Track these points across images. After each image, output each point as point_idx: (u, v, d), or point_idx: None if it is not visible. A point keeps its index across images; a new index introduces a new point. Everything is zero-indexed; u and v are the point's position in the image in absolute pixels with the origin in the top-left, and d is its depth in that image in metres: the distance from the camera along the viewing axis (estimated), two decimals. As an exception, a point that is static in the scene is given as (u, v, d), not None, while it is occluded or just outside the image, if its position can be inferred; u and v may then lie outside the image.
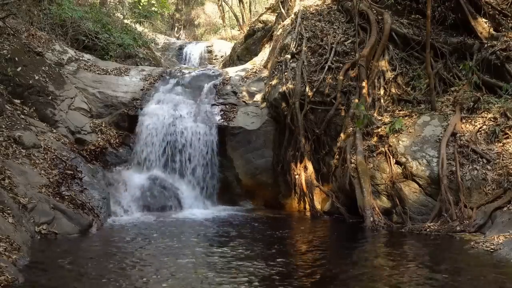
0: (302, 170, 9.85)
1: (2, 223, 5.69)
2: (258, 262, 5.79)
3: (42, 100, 9.79)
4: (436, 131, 8.47)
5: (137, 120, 10.68)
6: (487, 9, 10.04)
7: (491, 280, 5.04)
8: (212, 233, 7.76)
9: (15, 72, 9.59)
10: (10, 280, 4.52)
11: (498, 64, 9.21)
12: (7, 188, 6.57)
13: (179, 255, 6.22)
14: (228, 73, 12.36)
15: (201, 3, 32.63)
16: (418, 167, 8.01)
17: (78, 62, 11.71)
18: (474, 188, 7.54)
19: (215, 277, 5.17)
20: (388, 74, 10.12)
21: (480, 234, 6.86)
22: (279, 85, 10.58)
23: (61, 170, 8.14)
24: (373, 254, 6.51)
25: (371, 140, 8.87)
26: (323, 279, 5.22)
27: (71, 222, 7.09)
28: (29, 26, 11.77)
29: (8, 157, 7.49)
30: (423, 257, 6.05)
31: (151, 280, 5.09)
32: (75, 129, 10.03)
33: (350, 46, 10.93)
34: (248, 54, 16.56)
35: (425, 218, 7.70)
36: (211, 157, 10.55)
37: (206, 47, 22.58)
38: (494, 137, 8.03)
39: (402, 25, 10.93)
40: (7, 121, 8.31)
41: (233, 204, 10.56)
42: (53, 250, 6.14)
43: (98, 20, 14.72)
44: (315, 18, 11.97)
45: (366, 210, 7.94)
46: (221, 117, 10.81)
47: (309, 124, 10.07)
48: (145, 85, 11.58)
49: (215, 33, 29.58)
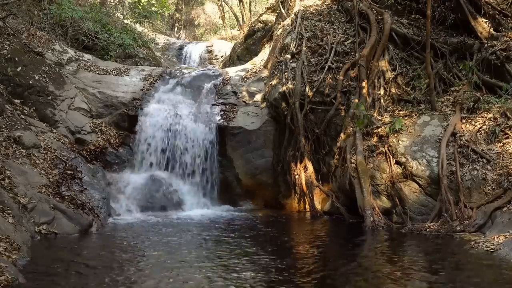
0: (302, 170, 9.85)
1: (2, 223, 5.69)
2: (258, 262, 5.80)
3: (42, 100, 9.79)
4: (436, 131, 8.47)
5: (137, 120, 10.68)
6: (487, 9, 10.05)
7: (491, 280, 5.04)
8: (212, 233, 7.76)
9: (15, 72, 9.59)
10: (10, 280, 4.51)
11: (498, 64, 9.22)
12: (7, 188, 6.57)
13: (179, 255, 6.23)
14: (228, 73, 12.36)
15: (201, 3, 32.62)
16: (418, 167, 8.02)
17: (78, 62, 11.71)
18: (474, 188, 7.54)
19: (215, 277, 5.18)
20: (388, 74, 10.13)
21: (480, 234, 6.85)
22: (279, 85, 10.59)
23: (61, 170, 8.15)
24: (373, 254, 6.51)
25: (371, 140, 8.87)
26: (323, 279, 5.22)
27: (71, 222, 7.10)
28: (29, 26, 11.78)
29: (8, 157, 7.49)
30: (423, 257, 6.05)
31: (151, 280, 5.09)
32: (75, 129, 10.03)
33: (350, 46, 10.93)
34: (248, 54, 16.55)
35: (425, 218, 7.70)
36: (211, 157, 10.56)
37: (206, 47, 22.57)
38: (494, 137, 8.03)
39: (402, 25, 10.94)
40: (7, 121, 8.31)
41: (233, 204, 10.57)
42: (53, 250, 6.14)
43: (98, 20, 14.73)
44: (315, 18, 11.97)
45: (366, 210, 7.95)
46: (221, 117, 10.82)
47: (309, 124, 10.08)
48: (145, 85, 11.58)
49: (215, 33, 29.56)
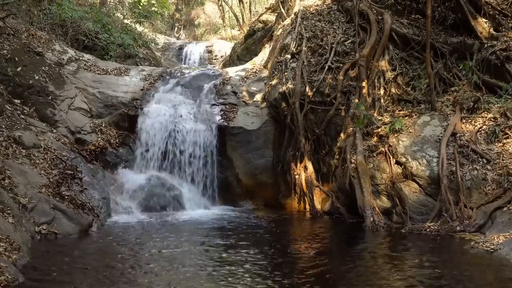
0: (302, 170, 9.85)
1: (2, 223, 5.69)
2: (258, 261, 5.80)
3: (42, 100, 9.79)
4: (436, 131, 8.47)
5: (137, 120, 10.68)
6: (487, 9, 10.04)
7: (491, 280, 5.05)
8: (212, 234, 7.76)
9: (15, 72, 9.59)
10: (10, 280, 4.52)
11: (498, 64, 9.21)
12: (7, 188, 6.58)
13: (179, 255, 6.23)
14: (228, 73, 12.35)
15: (201, 3, 32.60)
16: (418, 167, 8.02)
17: (78, 62, 11.70)
18: (474, 188, 7.54)
19: (216, 277, 5.18)
20: (388, 74, 10.12)
21: (480, 234, 6.85)
22: (279, 85, 10.59)
23: (61, 170, 8.15)
24: (372, 254, 6.51)
25: (371, 140, 8.88)
26: (323, 278, 5.22)
27: (71, 222, 7.10)
28: (29, 26, 11.77)
29: (8, 157, 7.49)
30: (422, 257, 6.05)
31: (151, 280, 5.09)
32: (75, 129, 10.03)
33: (350, 46, 10.92)
34: (248, 54, 16.55)
35: (425, 218, 7.70)
36: (211, 157, 10.56)
37: (206, 47, 22.56)
38: (494, 137, 8.03)
39: (402, 25, 10.93)
40: (7, 121, 8.31)
41: (233, 204, 10.56)
42: (53, 250, 6.15)
43: (98, 20, 14.73)
44: (315, 18, 11.96)
45: (366, 210, 7.94)
46: (221, 117, 10.81)
47: (309, 124, 10.07)
48: (145, 85, 11.58)
49: (215, 33, 29.56)
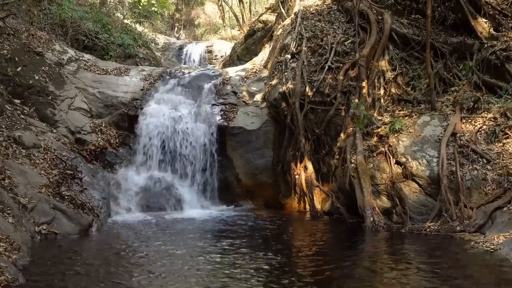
0: (302, 170, 9.85)
1: (2, 223, 5.69)
2: (258, 261, 5.80)
3: (42, 100, 9.79)
4: (436, 131, 8.47)
5: (137, 120, 10.67)
6: (487, 9, 10.04)
7: (491, 280, 5.05)
8: (212, 234, 7.76)
9: (15, 72, 9.59)
10: (10, 280, 4.52)
11: (498, 64, 9.21)
12: (7, 188, 6.58)
13: (179, 255, 6.23)
14: (228, 73, 12.35)
15: (201, 3, 32.61)
16: (418, 167, 8.02)
17: (78, 62, 11.70)
18: (474, 188, 7.54)
19: (216, 277, 5.18)
20: (388, 74, 10.12)
21: (480, 234, 6.86)
22: (279, 85, 10.59)
23: (61, 170, 8.15)
24: (372, 254, 6.52)
25: (371, 140, 8.87)
26: (323, 278, 5.22)
27: (71, 222, 7.10)
28: (29, 26, 11.77)
29: (8, 157, 7.50)
30: (422, 257, 6.05)
31: (151, 280, 5.09)
32: (75, 129, 10.02)
33: (350, 46, 10.92)
34: (248, 54, 16.55)
35: (425, 218, 7.70)
36: (211, 157, 10.55)
37: (206, 47, 22.57)
38: (494, 137, 8.03)
39: (402, 25, 10.92)
40: (7, 121, 8.31)
41: (233, 204, 10.56)
42: (53, 250, 6.15)
43: (98, 20, 14.72)
44: (315, 18, 11.96)
45: (366, 210, 7.94)
46: (221, 117, 10.81)
47: (309, 124, 10.07)
48: (145, 85, 11.57)
49: (215, 33, 29.57)
